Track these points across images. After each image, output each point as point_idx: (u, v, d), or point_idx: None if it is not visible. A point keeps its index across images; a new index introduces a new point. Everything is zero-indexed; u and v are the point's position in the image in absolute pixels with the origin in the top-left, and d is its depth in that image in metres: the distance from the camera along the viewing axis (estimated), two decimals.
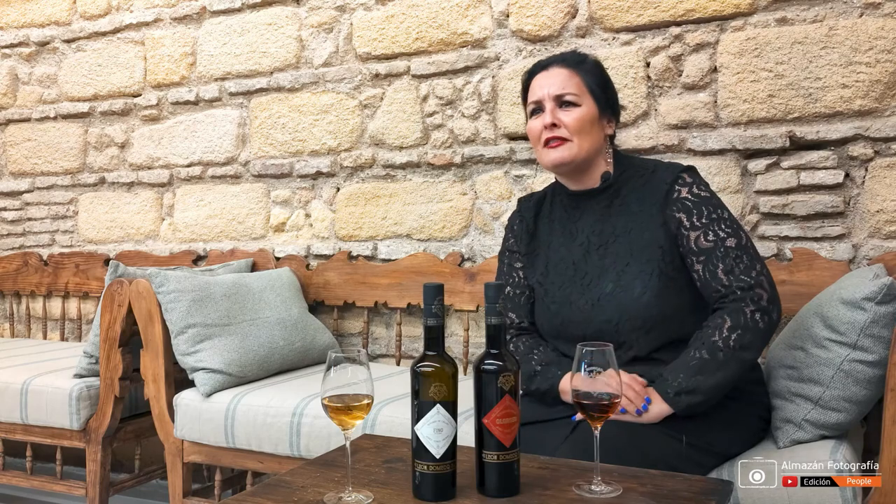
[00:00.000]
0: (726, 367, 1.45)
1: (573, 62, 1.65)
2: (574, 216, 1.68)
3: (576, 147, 1.59)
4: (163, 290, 2.14)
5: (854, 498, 1.40)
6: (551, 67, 1.65)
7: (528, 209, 1.77)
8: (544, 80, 1.63)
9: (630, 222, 1.60)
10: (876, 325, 1.50)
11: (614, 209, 1.63)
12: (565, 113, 1.60)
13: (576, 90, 1.61)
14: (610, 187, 1.64)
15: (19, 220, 3.29)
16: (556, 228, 1.71)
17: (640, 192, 1.62)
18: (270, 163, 2.77)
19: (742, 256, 1.51)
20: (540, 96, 1.62)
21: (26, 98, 3.25)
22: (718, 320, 1.48)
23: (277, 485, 1.25)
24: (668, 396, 1.43)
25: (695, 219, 1.55)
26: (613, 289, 1.56)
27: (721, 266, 1.51)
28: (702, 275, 1.53)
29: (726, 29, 2.14)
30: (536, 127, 1.63)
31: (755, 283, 1.49)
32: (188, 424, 2.09)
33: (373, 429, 1.84)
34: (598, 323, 1.56)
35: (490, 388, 1.15)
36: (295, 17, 2.72)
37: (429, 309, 1.17)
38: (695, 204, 1.56)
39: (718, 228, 1.53)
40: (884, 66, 1.97)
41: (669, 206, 1.57)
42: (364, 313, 2.59)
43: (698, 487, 1.17)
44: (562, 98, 1.60)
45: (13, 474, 2.47)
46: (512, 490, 1.16)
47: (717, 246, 1.52)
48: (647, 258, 1.55)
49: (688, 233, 1.54)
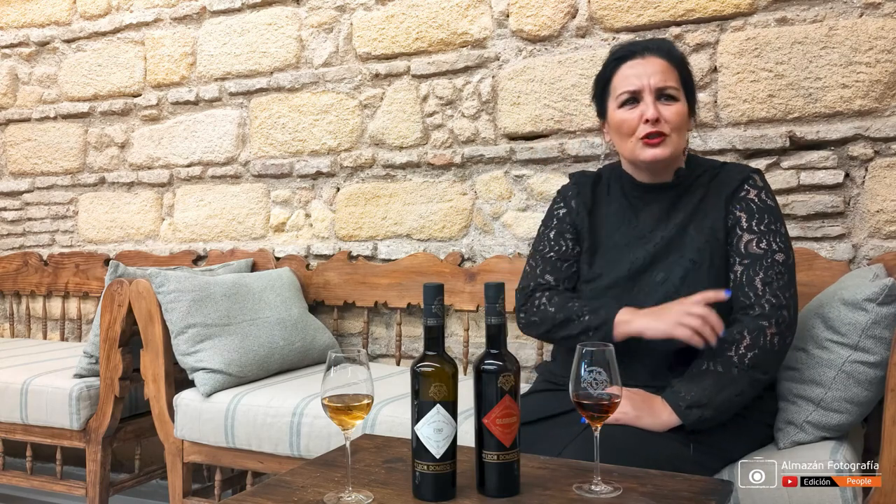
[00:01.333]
0: (738, 385, 1.43)
1: (668, 53, 1.57)
2: (636, 206, 1.62)
3: (673, 143, 1.53)
4: (163, 290, 2.14)
5: (854, 498, 1.39)
6: (647, 55, 1.55)
7: (584, 184, 1.70)
8: (641, 68, 1.54)
9: (691, 215, 1.57)
10: (877, 326, 1.50)
11: (680, 205, 1.59)
12: (665, 107, 1.52)
13: (675, 84, 1.54)
14: (680, 184, 1.60)
15: (19, 220, 3.29)
16: (613, 213, 1.64)
17: (706, 187, 1.59)
18: (270, 163, 2.77)
19: (784, 274, 1.49)
20: (639, 86, 1.53)
21: (26, 98, 3.25)
22: (737, 335, 1.45)
23: (277, 485, 1.25)
24: (679, 409, 1.42)
25: (754, 223, 1.52)
26: (663, 277, 1.53)
27: (761, 275, 1.48)
28: (739, 276, 1.50)
29: (726, 29, 2.14)
30: (632, 119, 1.53)
31: (785, 304, 1.47)
32: (188, 424, 2.09)
33: (373, 429, 1.84)
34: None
35: (490, 388, 1.15)
36: (295, 17, 2.72)
37: (429, 309, 1.17)
38: (758, 209, 1.53)
39: (773, 240, 1.51)
40: (884, 66, 1.97)
41: (734, 202, 1.54)
42: (364, 313, 2.59)
43: (698, 487, 1.17)
44: (663, 91, 1.53)
45: (13, 474, 2.47)
46: (512, 490, 1.16)
47: (765, 255, 1.49)
48: (702, 250, 1.52)
49: (742, 233, 1.52)
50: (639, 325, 1.45)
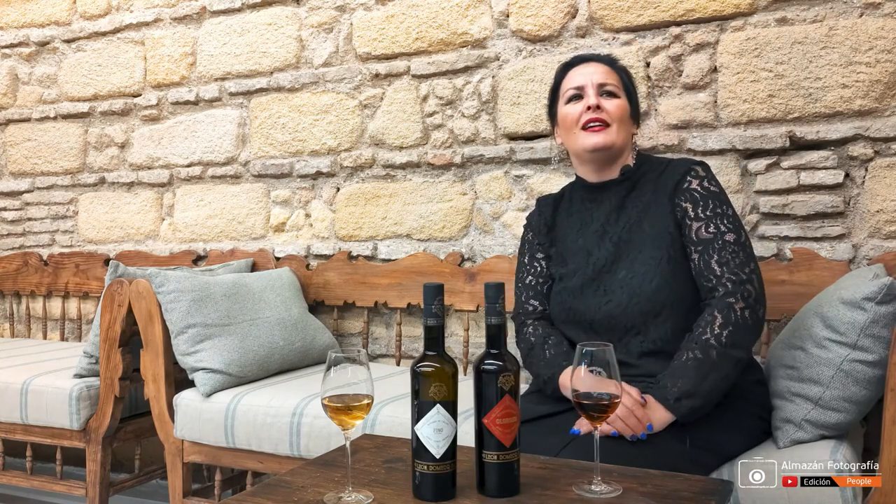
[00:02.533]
0: (720, 367, 1.46)
1: (609, 61, 1.74)
2: (590, 207, 1.73)
3: (614, 133, 1.64)
4: (163, 290, 2.14)
5: (854, 498, 1.40)
6: (590, 63, 1.72)
7: (546, 206, 1.83)
8: (585, 70, 1.70)
9: (643, 212, 1.64)
10: (876, 325, 1.50)
11: (630, 200, 1.67)
12: (607, 101, 1.66)
13: (616, 83, 1.69)
14: (627, 180, 1.69)
15: (19, 220, 3.29)
16: (574, 220, 1.75)
17: (654, 183, 1.66)
18: (270, 163, 2.77)
19: (739, 252, 1.54)
20: (582, 83, 1.67)
21: (26, 98, 3.25)
22: (708, 317, 1.49)
23: (277, 485, 1.25)
24: (668, 403, 1.43)
25: (700, 210, 1.58)
26: (625, 275, 1.59)
27: (716, 257, 1.54)
28: (697, 264, 1.56)
29: (726, 29, 2.14)
30: (575, 111, 1.67)
31: (746, 279, 1.51)
32: (188, 424, 2.09)
33: (373, 429, 1.84)
34: (608, 308, 1.58)
35: (490, 388, 1.15)
36: (295, 17, 2.72)
37: (429, 309, 1.17)
38: (702, 196, 1.60)
39: (720, 222, 1.57)
40: (884, 66, 1.97)
41: (679, 195, 1.61)
42: (364, 313, 2.59)
43: (698, 487, 1.17)
44: (604, 87, 1.66)
45: (13, 474, 2.47)
46: (512, 490, 1.16)
47: (715, 238, 1.55)
48: (658, 245, 1.59)
49: (691, 223, 1.58)
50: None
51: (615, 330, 1.58)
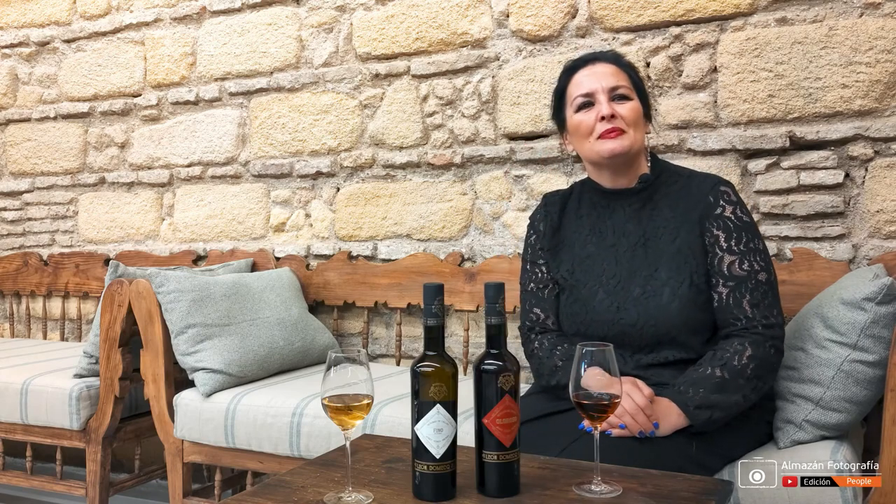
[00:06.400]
0: (742, 391, 1.45)
1: (614, 59, 1.65)
2: (604, 214, 1.66)
3: (631, 138, 1.57)
4: (163, 290, 2.14)
5: (854, 498, 1.40)
6: (596, 63, 1.63)
7: (553, 204, 1.75)
8: (593, 73, 1.62)
9: (662, 227, 1.59)
10: (876, 326, 1.50)
11: (646, 212, 1.62)
12: (620, 105, 1.58)
13: (627, 84, 1.61)
14: (645, 189, 1.63)
15: (19, 220, 3.29)
16: (584, 225, 1.69)
17: (674, 197, 1.61)
18: (270, 163, 2.77)
19: (769, 294, 1.52)
20: (592, 88, 1.60)
21: (26, 98, 3.25)
22: (739, 347, 1.47)
23: (277, 485, 1.25)
24: (687, 409, 1.42)
25: (733, 242, 1.53)
26: (641, 293, 1.55)
27: (748, 297, 1.50)
28: (725, 299, 1.51)
29: (726, 29, 2.14)
30: (589, 119, 1.59)
31: (776, 322, 1.51)
32: (188, 424, 2.09)
33: (373, 429, 1.84)
34: (621, 325, 1.55)
35: (490, 388, 1.15)
36: (295, 17, 2.72)
37: (429, 309, 1.17)
38: (736, 227, 1.54)
39: (754, 259, 1.52)
40: (884, 66, 1.97)
41: (711, 221, 1.55)
42: (364, 313, 2.59)
43: (698, 487, 1.17)
44: (615, 91, 1.59)
45: (13, 474, 2.47)
46: (512, 490, 1.16)
47: (749, 277, 1.51)
48: (678, 266, 1.54)
49: (722, 254, 1.53)
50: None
51: (628, 346, 1.55)
